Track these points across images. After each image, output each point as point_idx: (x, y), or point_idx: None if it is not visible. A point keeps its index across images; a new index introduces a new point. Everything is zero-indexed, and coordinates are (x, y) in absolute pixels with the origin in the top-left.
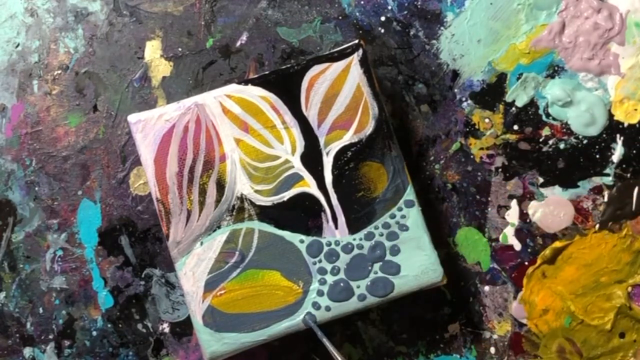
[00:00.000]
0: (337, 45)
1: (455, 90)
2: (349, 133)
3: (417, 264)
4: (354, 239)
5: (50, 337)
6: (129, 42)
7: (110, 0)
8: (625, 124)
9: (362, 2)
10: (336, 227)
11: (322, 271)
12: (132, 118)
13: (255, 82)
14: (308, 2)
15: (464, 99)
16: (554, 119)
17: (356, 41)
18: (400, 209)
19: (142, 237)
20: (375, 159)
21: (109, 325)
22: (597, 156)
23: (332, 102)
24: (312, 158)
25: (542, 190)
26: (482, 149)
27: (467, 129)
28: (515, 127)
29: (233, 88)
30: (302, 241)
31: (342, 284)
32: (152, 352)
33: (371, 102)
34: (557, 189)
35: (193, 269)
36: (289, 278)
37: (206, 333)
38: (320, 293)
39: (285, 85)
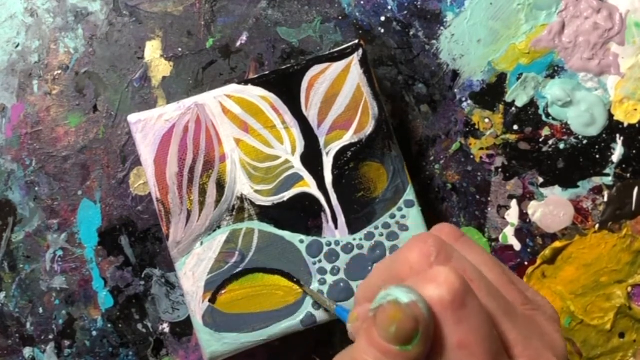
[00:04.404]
0: (337, 45)
1: (455, 90)
2: (349, 133)
3: None
4: (354, 239)
5: (50, 337)
6: (129, 42)
7: (110, 0)
8: (625, 124)
9: (362, 2)
10: (336, 227)
11: (322, 271)
12: (132, 118)
13: (255, 82)
14: (308, 2)
15: (464, 99)
16: (554, 119)
17: (356, 41)
18: (400, 209)
19: (142, 237)
20: (375, 159)
21: (109, 325)
22: (597, 156)
23: (332, 102)
24: (312, 158)
25: (542, 190)
26: (482, 149)
27: (467, 129)
28: (515, 127)
29: (233, 88)
30: (302, 241)
31: (342, 284)
32: (152, 352)
33: (371, 102)
34: (557, 189)
35: (193, 269)
36: (289, 278)
37: (206, 333)
38: (320, 293)
39: (285, 85)
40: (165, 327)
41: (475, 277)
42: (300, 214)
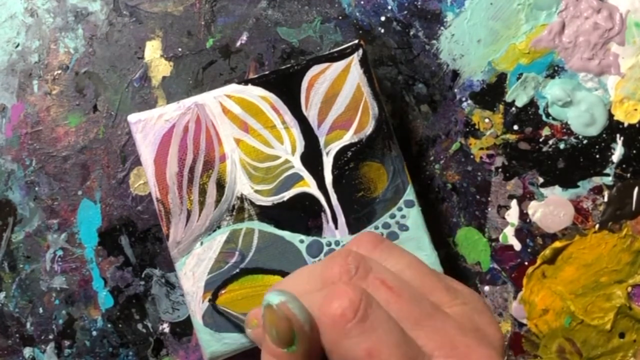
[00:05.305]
0: (337, 45)
1: (455, 90)
2: (349, 133)
3: None
4: None
5: (50, 337)
6: (129, 42)
7: (110, 0)
8: (625, 124)
9: (362, 2)
10: (336, 227)
11: None
12: (132, 118)
13: (255, 82)
14: (308, 2)
15: (464, 99)
16: (554, 119)
17: (356, 41)
18: (400, 209)
19: (142, 237)
20: (375, 159)
21: (109, 325)
22: (597, 156)
23: (332, 102)
24: (312, 158)
25: (542, 190)
26: (482, 149)
27: (467, 129)
28: (515, 127)
29: (233, 88)
30: (302, 241)
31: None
32: (152, 352)
33: (371, 102)
34: (557, 189)
35: (193, 269)
36: None
37: (206, 333)
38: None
39: (285, 85)
40: (165, 327)
41: (396, 284)
42: (300, 214)
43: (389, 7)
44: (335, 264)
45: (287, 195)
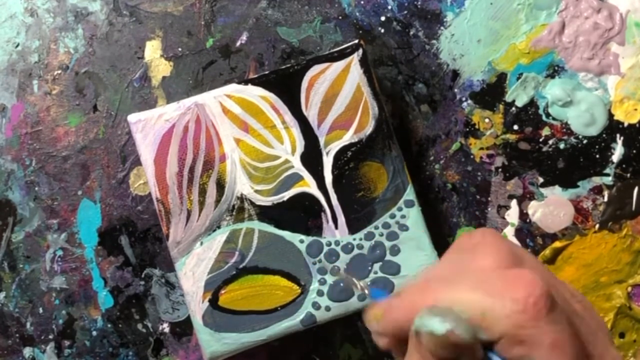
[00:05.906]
0: (337, 45)
1: (455, 90)
2: (349, 133)
3: (417, 264)
4: (354, 239)
5: (50, 337)
6: (129, 42)
7: (110, 0)
8: (625, 124)
9: (362, 2)
10: (336, 227)
11: (322, 271)
12: (132, 118)
13: (255, 82)
14: (308, 2)
15: (464, 99)
16: (554, 119)
17: (356, 41)
18: (400, 209)
19: (142, 237)
20: (375, 159)
21: (109, 325)
22: (597, 156)
23: (332, 102)
24: (312, 158)
25: (542, 190)
26: (482, 149)
27: (467, 129)
28: (515, 127)
29: (233, 88)
30: (302, 241)
31: (342, 284)
32: (152, 352)
33: (371, 102)
34: (557, 189)
35: (193, 269)
36: (289, 278)
37: (206, 333)
38: (320, 293)
39: (285, 85)
40: (165, 327)
41: (547, 277)
42: (300, 214)
43: (389, 7)
44: (486, 254)
45: (287, 195)
